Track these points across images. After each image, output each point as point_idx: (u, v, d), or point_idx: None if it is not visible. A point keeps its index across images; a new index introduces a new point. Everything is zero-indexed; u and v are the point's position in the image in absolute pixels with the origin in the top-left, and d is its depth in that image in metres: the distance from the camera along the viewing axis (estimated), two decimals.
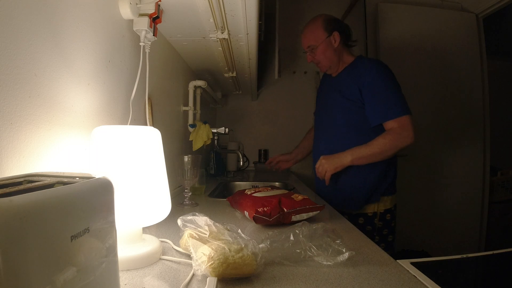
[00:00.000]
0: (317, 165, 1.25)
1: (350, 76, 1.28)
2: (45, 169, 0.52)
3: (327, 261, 0.57)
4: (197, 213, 0.64)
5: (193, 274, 0.53)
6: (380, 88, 1.18)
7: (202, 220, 0.62)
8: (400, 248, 2.03)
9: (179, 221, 0.64)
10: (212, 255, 0.50)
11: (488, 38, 2.37)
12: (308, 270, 0.55)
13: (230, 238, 0.57)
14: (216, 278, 0.47)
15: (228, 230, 0.61)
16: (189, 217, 0.63)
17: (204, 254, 0.51)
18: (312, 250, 0.59)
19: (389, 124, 1.16)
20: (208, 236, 0.57)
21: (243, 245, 0.53)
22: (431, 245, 2.06)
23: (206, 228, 0.60)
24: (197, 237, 0.57)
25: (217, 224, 0.62)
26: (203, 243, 0.54)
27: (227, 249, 0.51)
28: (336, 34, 1.29)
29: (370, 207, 1.26)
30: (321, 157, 1.25)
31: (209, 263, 0.49)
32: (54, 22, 0.55)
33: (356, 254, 0.62)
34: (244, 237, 0.58)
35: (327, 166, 1.22)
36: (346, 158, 1.19)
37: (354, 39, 1.37)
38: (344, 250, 0.58)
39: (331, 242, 0.61)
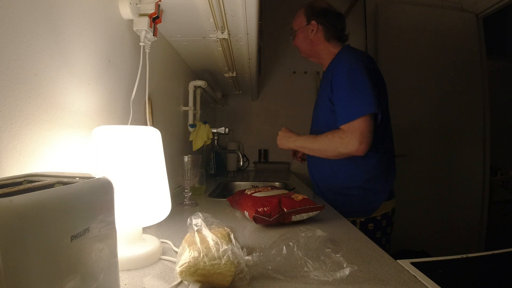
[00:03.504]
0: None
1: (329, 71, 1.17)
2: (45, 169, 0.52)
3: (325, 277, 0.50)
4: (200, 213, 0.61)
5: None
6: (343, 87, 1.04)
7: (202, 222, 0.60)
8: (400, 248, 2.03)
9: (188, 221, 0.61)
10: (187, 259, 0.48)
11: (488, 38, 2.37)
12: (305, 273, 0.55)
13: (213, 243, 0.51)
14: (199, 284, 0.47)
15: (226, 232, 0.59)
16: (196, 219, 0.60)
17: (183, 257, 0.49)
18: (308, 265, 0.52)
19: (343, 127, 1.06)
20: (199, 240, 0.53)
21: (221, 253, 0.49)
22: (431, 245, 2.06)
23: (205, 230, 0.57)
24: (191, 239, 0.56)
25: (213, 226, 0.58)
26: (189, 246, 0.52)
27: (202, 254, 0.48)
28: (314, 24, 1.18)
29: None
30: (283, 128, 1.27)
31: (179, 266, 0.48)
32: (54, 22, 0.55)
33: (356, 254, 0.62)
34: (234, 245, 0.52)
35: (279, 141, 1.26)
36: (293, 142, 1.19)
37: (348, 32, 1.24)
38: (345, 266, 0.51)
39: (330, 254, 0.53)
